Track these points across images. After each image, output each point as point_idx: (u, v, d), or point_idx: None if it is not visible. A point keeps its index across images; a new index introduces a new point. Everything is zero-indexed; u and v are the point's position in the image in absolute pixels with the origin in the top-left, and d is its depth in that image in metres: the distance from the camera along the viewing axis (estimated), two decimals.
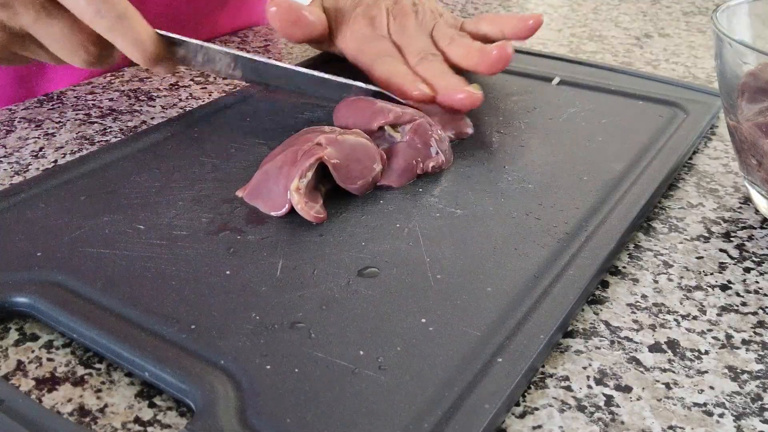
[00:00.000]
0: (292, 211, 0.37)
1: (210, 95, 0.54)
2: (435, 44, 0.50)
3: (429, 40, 0.51)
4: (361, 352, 0.29)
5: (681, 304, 0.34)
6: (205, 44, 0.46)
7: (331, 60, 0.56)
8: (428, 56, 0.48)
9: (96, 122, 0.50)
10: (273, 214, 0.37)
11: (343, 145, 0.39)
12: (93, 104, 0.53)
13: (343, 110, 0.45)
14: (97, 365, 0.30)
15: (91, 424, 0.27)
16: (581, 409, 0.28)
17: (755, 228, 0.40)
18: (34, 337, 0.31)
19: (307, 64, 0.57)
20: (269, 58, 0.47)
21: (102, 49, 0.43)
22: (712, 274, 0.36)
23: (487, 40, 0.51)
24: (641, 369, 0.30)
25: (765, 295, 0.34)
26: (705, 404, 0.28)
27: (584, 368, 0.30)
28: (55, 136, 0.48)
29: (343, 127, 0.42)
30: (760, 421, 0.28)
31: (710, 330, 0.32)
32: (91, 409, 0.28)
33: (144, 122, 0.50)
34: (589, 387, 0.29)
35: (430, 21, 0.52)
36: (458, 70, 0.48)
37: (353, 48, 0.51)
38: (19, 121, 0.50)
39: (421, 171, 0.41)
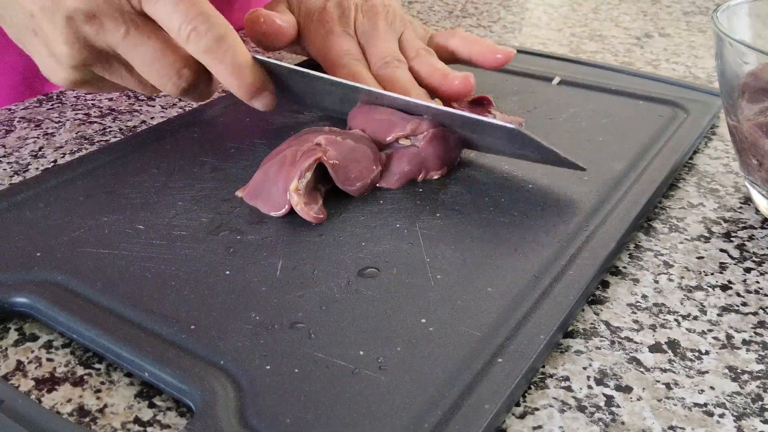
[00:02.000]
0: (292, 211, 0.37)
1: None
2: (402, 52, 0.49)
3: (396, 44, 0.49)
4: (361, 352, 0.29)
5: (681, 304, 0.34)
6: (315, 74, 0.41)
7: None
8: (393, 62, 0.46)
9: (95, 122, 0.50)
10: (273, 214, 0.37)
11: (342, 146, 0.39)
12: (92, 104, 0.53)
13: (359, 119, 0.44)
14: (97, 365, 0.30)
15: (90, 424, 0.27)
16: (581, 409, 0.28)
17: (756, 228, 0.40)
18: (34, 337, 0.31)
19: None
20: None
21: (197, 75, 0.39)
22: (712, 274, 0.36)
23: (454, 56, 0.50)
24: (641, 369, 0.30)
25: (765, 295, 0.34)
26: (705, 404, 0.28)
27: (584, 368, 0.30)
28: (54, 135, 0.48)
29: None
30: (761, 421, 0.27)
31: (711, 330, 0.32)
32: (91, 409, 0.27)
33: (144, 122, 0.50)
34: (590, 387, 0.29)
35: (399, 26, 0.50)
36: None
37: (318, 44, 0.49)
38: (18, 121, 0.50)
39: (422, 179, 0.41)
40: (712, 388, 0.29)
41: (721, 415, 0.28)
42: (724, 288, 0.35)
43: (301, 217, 0.37)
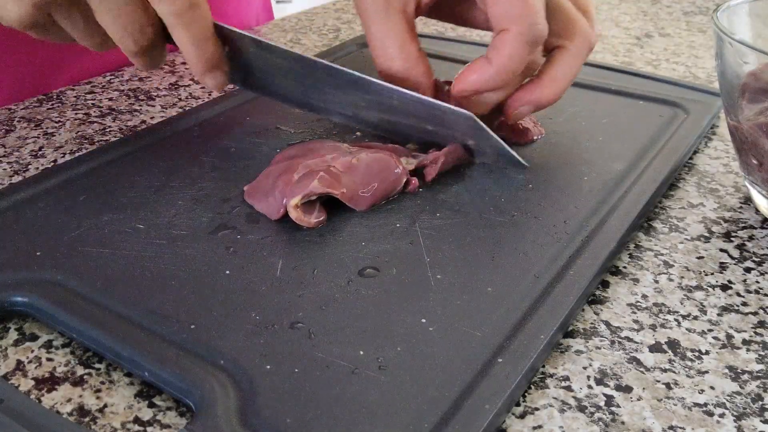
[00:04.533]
0: None
1: (210, 95, 0.54)
2: None
3: None
4: (361, 352, 0.29)
5: (681, 304, 0.34)
6: (277, 45, 0.40)
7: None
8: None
9: (95, 122, 0.50)
10: (271, 218, 0.37)
11: (357, 171, 0.38)
12: (92, 104, 0.53)
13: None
14: (97, 365, 0.30)
15: (90, 424, 0.27)
16: (582, 409, 0.28)
17: (756, 228, 0.40)
18: (34, 337, 0.31)
19: None
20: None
21: (157, 38, 0.38)
22: (712, 274, 0.36)
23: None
24: (642, 369, 0.30)
25: (765, 295, 0.34)
26: (705, 404, 0.28)
27: (584, 368, 0.30)
28: (54, 135, 0.48)
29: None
30: (761, 421, 0.27)
31: (711, 330, 0.32)
32: (91, 409, 0.27)
33: (143, 122, 0.50)
34: (590, 387, 0.29)
35: None
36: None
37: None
38: (18, 121, 0.50)
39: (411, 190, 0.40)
40: (712, 388, 0.29)
41: (721, 415, 0.28)
42: (724, 288, 0.35)
43: None
